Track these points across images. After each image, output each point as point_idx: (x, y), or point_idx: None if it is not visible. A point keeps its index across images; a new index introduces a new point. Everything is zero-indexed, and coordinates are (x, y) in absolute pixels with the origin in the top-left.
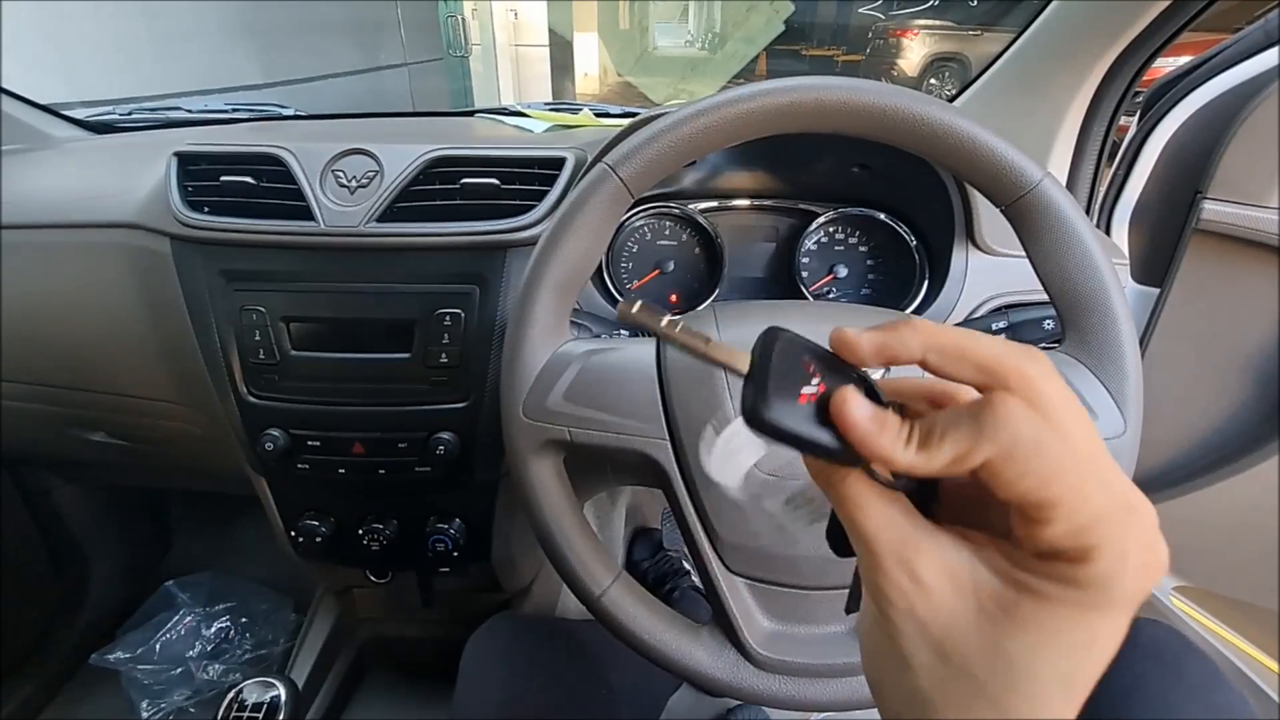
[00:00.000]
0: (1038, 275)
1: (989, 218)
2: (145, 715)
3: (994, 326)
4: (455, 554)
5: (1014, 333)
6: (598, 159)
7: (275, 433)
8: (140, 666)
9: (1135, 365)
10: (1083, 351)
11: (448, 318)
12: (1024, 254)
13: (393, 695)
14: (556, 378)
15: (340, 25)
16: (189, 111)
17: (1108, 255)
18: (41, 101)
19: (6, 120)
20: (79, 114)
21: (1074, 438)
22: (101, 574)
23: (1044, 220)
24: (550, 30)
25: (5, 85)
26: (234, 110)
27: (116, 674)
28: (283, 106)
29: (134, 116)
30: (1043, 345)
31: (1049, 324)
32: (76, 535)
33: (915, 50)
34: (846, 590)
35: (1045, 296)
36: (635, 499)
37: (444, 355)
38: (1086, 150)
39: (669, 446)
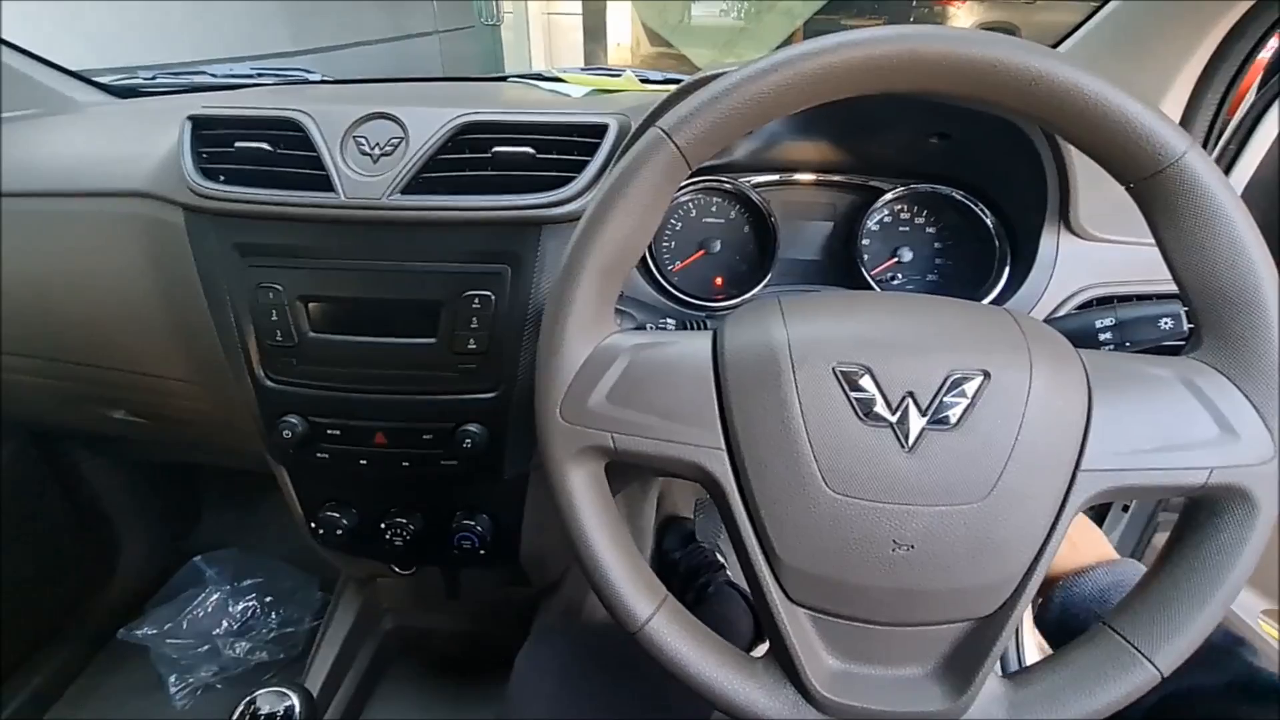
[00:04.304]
0: (1170, 266)
1: (1089, 197)
2: (173, 689)
3: (1098, 324)
4: (482, 552)
5: (1123, 331)
6: (647, 124)
7: (293, 419)
8: (169, 641)
9: None
10: (1224, 358)
11: (476, 300)
12: (1128, 240)
13: (416, 692)
14: (599, 375)
15: None
16: (213, 76)
17: (1264, 246)
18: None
19: (28, 84)
20: (105, 79)
21: None
22: (131, 546)
23: (1187, 201)
24: None
25: (30, 49)
26: (259, 75)
27: (146, 647)
28: (309, 71)
29: (158, 81)
30: (1162, 347)
31: (1166, 323)
32: (106, 508)
33: (962, 20)
34: (926, 627)
35: (1151, 289)
36: (665, 485)
37: (472, 341)
38: (1195, 122)
39: (725, 457)
